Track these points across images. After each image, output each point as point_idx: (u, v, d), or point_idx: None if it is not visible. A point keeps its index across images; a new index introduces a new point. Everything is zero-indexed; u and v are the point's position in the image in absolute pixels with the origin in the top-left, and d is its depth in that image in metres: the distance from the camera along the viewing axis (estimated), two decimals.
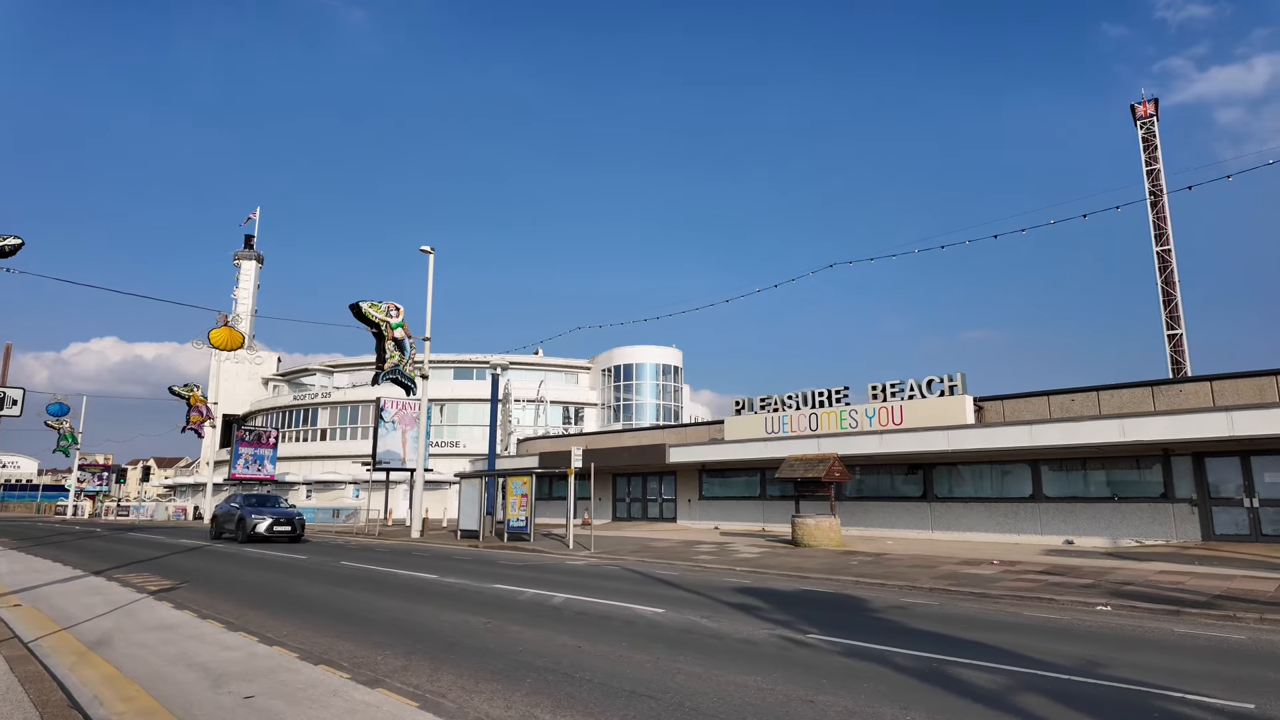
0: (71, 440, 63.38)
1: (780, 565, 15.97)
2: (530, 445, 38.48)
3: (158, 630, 8.32)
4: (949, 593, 12.01)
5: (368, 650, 7.26)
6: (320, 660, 6.78)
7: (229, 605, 10.28)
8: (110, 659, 6.91)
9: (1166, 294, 44.59)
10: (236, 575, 14.59)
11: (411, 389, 28.14)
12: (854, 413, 23.16)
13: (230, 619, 9.06)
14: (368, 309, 26.87)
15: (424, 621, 8.93)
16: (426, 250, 30.08)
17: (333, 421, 60.52)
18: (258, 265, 76.89)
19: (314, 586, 12.67)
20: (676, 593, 11.60)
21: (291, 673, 6.33)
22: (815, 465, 20.31)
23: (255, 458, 52.21)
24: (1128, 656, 7.14)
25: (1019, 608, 10.45)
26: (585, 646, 7.40)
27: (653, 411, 57.91)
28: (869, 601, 10.93)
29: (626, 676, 6.19)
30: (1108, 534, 18.91)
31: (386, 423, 39.02)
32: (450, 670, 6.44)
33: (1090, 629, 8.73)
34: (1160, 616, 9.71)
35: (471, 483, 26.27)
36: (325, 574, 14.75)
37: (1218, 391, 17.78)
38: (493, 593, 11.69)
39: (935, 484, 22.37)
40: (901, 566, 15.43)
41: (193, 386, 50.45)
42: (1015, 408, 21.12)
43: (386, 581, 13.36)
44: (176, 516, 56.20)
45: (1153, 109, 46.10)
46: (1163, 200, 45.18)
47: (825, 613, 9.77)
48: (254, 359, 70.49)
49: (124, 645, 7.52)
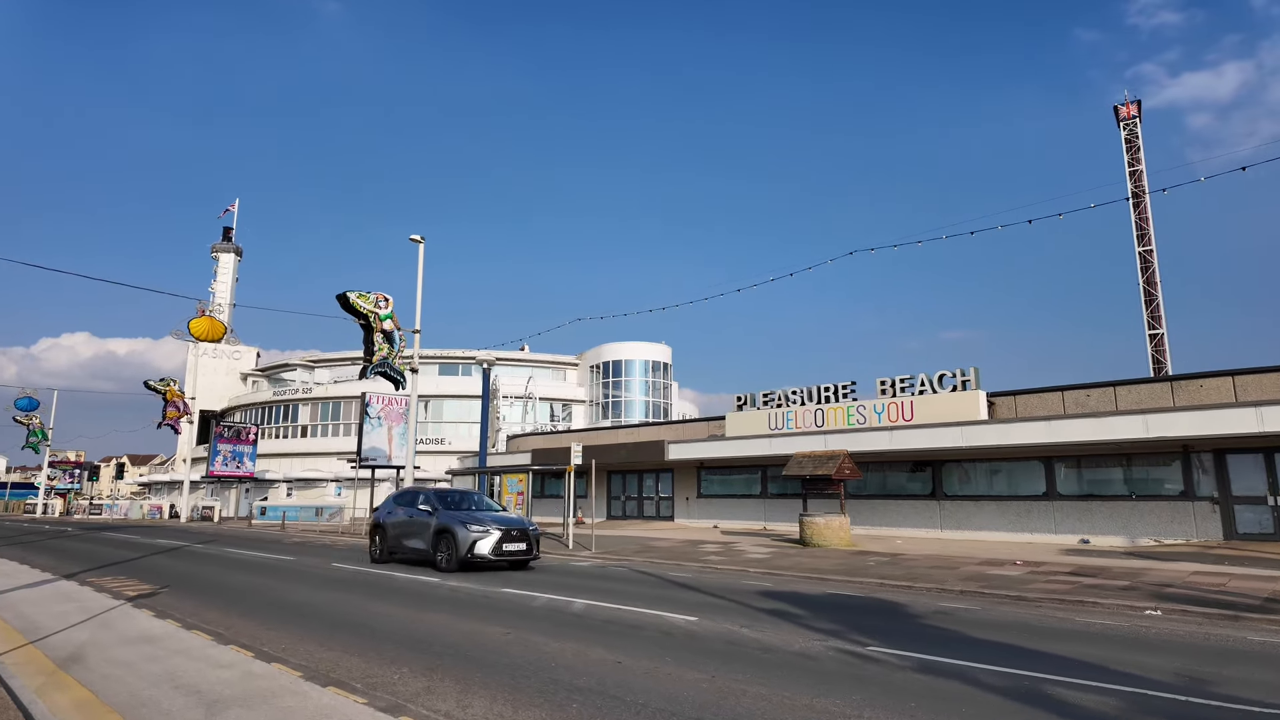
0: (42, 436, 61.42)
1: (795, 566, 15.27)
2: (521, 442, 37.57)
3: (138, 643, 7.42)
4: (982, 595, 11.37)
5: (381, 667, 6.42)
6: (329, 681, 5.93)
7: (216, 613, 9.36)
8: (84, 680, 6.01)
9: (1148, 293, 44.58)
10: (221, 579, 13.62)
11: (401, 383, 27.14)
12: (862, 408, 22.52)
13: (220, 629, 8.17)
14: (355, 299, 25.82)
15: (437, 632, 8.08)
16: (416, 239, 29.04)
17: (314, 418, 59.16)
18: (236, 258, 75.14)
19: (308, 591, 11.76)
20: (700, 598, 10.83)
21: (297, 697, 5.48)
22: (824, 462, 19.64)
23: (234, 454, 50.83)
24: (1227, 671, 6.47)
25: (1067, 612, 9.80)
26: (626, 662, 6.61)
27: (642, 409, 57.14)
28: (907, 606, 10.23)
29: (686, 700, 5.41)
30: (1125, 533, 18.41)
31: (372, 419, 37.89)
32: (481, 692, 5.62)
33: (1162, 638, 8.07)
34: (1219, 622, 9.10)
35: (463, 481, 25.33)
36: (318, 577, 13.82)
37: (1240, 386, 17.32)
38: (503, 598, 10.85)
39: (944, 482, 21.79)
40: (921, 567, 14.79)
41: (169, 381, 48.94)
42: (1028, 403, 20.59)
43: (385, 585, 12.47)
44: (152, 515, 54.56)
45: (1135, 110, 46.15)
46: (1145, 200, 45.19)
47: (869, 620, 9.05)
48: (232, 354, 68.85)
49: (100, 662, 6.62)
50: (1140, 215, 45.20)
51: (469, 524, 14.15)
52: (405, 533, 15.53)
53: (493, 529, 14.10)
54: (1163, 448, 17.93)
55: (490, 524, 14.26)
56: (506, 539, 14.14)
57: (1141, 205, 45.19)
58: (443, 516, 14.59)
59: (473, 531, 13.96)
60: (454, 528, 14.09)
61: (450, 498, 15.91)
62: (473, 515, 14.66)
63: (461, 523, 14.18)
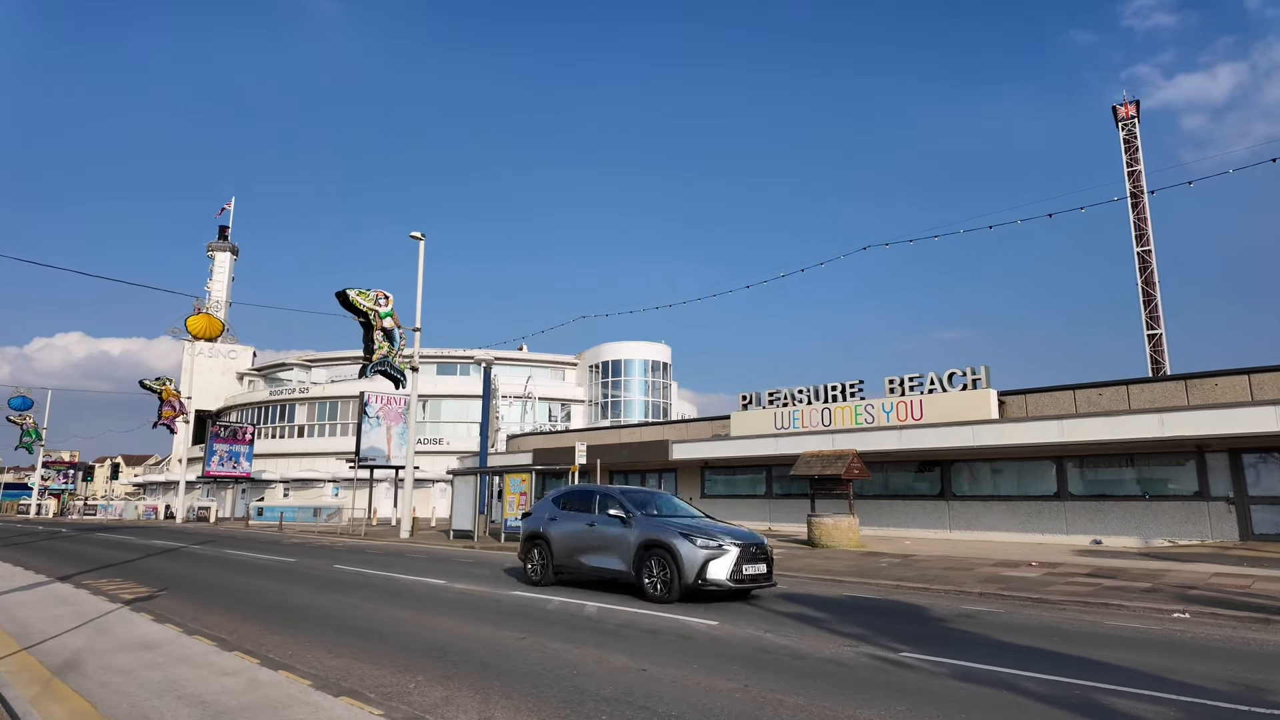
0: (35, 436, 60.95)
1: (806, 568, 15.00)
2: (522, 442, 37.24)
3: (137, 650, 7.09)
4: (1002, 598, 11.11)
5: (395, 675, 6.11)
6: (341, 690, 5.61)
7: (218, 617, 9.04)
8: (82, 689, 5.69)
9: (1147, 294, 44.38)
10: (221, 581, 13.29)
11: (401, 382, 26.85)
12: (870, 407, 22.25)
13: (222, 634, 7.85)
14: (355, 297, 25.53)
15: (448, 638, 7.77)
16: (417, 236, 28.76)
17: (311, 418, 58.76)
18: (232, 257, 74.71)
19: (311, 594, 11.44)
20: (713, 601, 10.52)
21: (309, 709, 5.16)
22: (833, 462, 19.36)
23: (230, 455, 50.42)
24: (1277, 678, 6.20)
25: (1094, 615, 9.54)
26: (650, 669, 6.31)
27: (641, 408, 56.86)
28: (929, 609, 9.95)
29: (721, 712, 5.11)
30: (1138, 533, 18.16)
31: (371, 418, 37.56)
32: (503, 703, 5.31)
33: (1199, 643, 7.80)
34: (1253, 626, 8.83)
35: (466, 481, 25.01)
36: (320, 579, 13.50)
37: (1256, 384, 17.08)
38: (513, 600, 10.54)
39: (953, 482, 21.52)
40: (935, 569, 14.52)
41: (165, 380, 48.53)
42: (1039, 402, 20.33)
43: (390, 588, 12.16)
44: (147, 515, 54.13)
45: (1134, 110, 45.88)
46: (1143, 200, 44.99)
47: (893, 624, 8.76)
48: (228, 353, 68.42)
49: (98, 670, 6.30)
50: (1139, 215, 44.98)
51: (693, 536, 10.18)
52: (583, 546, 11.59)
53: (727, 544, 10.15)
54: (1176, 447, 17.68)
55: (722, 537, 10.35)
56: (746, 558, 10.22)
57: (1140, 205, 44.95)
58: (643, 524, 10.78)
59: (702, 548, 10.03)
60: (672, 542, 10.17)
61: (636, 498, 11.82)
62: (686, 524, 10.81)
63: (683, 535, 10.22)
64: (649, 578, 10.37)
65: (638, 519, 10.92)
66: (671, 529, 10.49)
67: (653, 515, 11.17)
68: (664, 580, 10.19)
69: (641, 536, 10.62)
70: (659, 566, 10.29)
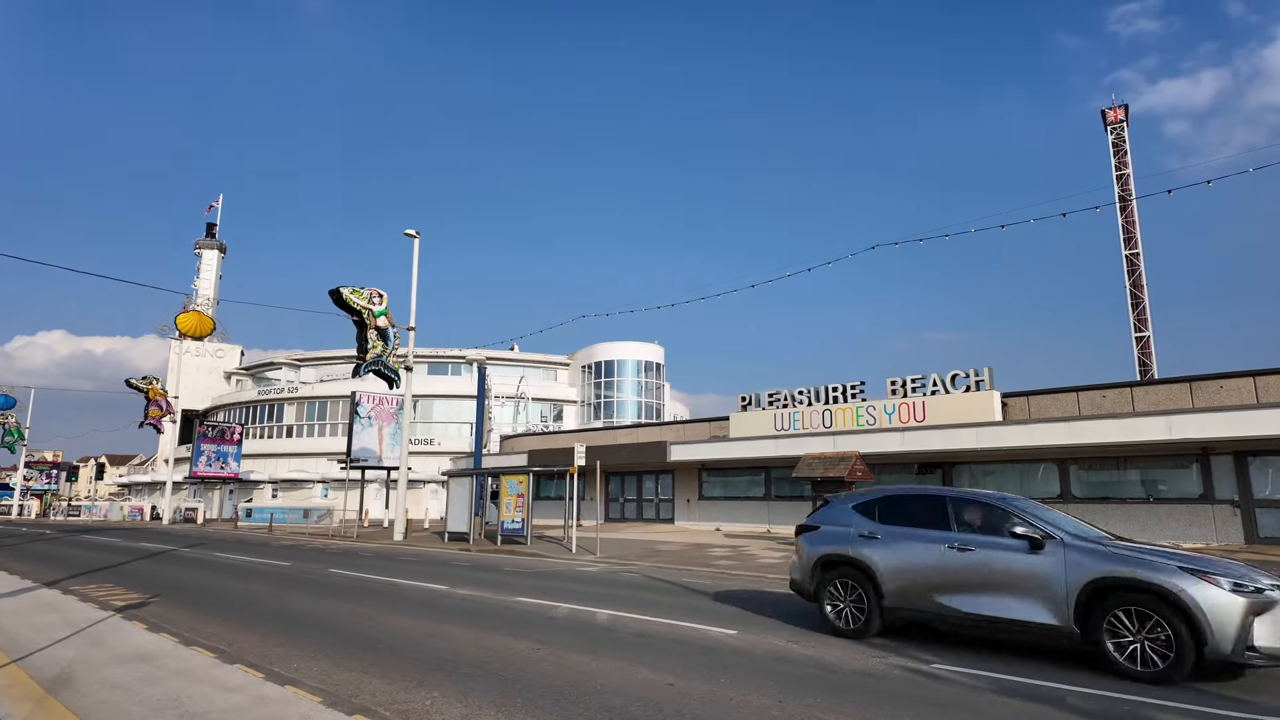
0: (18, 436, 59.91)
1: None
2: (516, 443, 36.89)
3: (133, 662, 6.74)
4: None
5: (409, 691, 5.80)
6: (354, 708, 5.30)
7: (216, 626, 8.69)
8: (77, 707, 5.35)
9: (1135, 296, 44.51)
10: (215, 586, 12.90)
11: (395, 381, 26.44)
12: (872, 409, 22.06)
13: (222, 645, 7.51)
14: (349, 295, 25.09)
15: (460, 649, 7.46)
16: (411, 234, 28.35)
17: (300, 418, 58.04)
18: (220, 254, 73.77)
19: (309, 600, 11.08)
20: (727, 608, 10.26)
21: None
22: (836, 464, 19.16)
23: (218, 455, 49.76)
24: None
25: None
26: (679, 684, 6.03)
27: (634, 409, 56.52)
28: None
29: None
30: (1143, 536, 18.02)
31: (362, 418, 37.12)
32: None
33: None
34: None
35: (461, 482, 24.64)
36: (317, 584, 13.13)
37: (1262, 387, 17.00)
38: (521, 608, 10.24)
39: (955, 484, 21.35)
40: None
41: (152, 379, 47.80)
42: (1042, 404, 20.21)
43: (391, 593, 11.81)
44: (133, 517, 53.30)
45: (1123, 114, 46.03)
46: (1132, 204, 45.11)
47: (913, 632, 8.51)
48: (216, 352, 67.53)
49: (93, 685, 5.95)
50: (1127, 219, 45.10)
51: (1208, 574, 6.18)
52: (947, 580, 7.47)
53: (1271, 590, 6.15)
54: (1181, 449, 17.58)
55: (1245, 578, 6.24)
56: None
57: (1128, 209, 45.09)
58: (1079, 551, 6.77)
59: (1236, 592, 6.03)
60: (1170, 585, 6.18)
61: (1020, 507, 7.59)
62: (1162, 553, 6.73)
63: (1190, 571, 6.22)
64: (1116, 638, 6.37)
65: (1067, 543, 6.85)
66: (1153, 561, 6.41)
67: (1087, 542, 6.90)
68: (1156, 644, 6.16)
69: (1088, 572, 6.58)
70: (1141, 622, 6.28)
